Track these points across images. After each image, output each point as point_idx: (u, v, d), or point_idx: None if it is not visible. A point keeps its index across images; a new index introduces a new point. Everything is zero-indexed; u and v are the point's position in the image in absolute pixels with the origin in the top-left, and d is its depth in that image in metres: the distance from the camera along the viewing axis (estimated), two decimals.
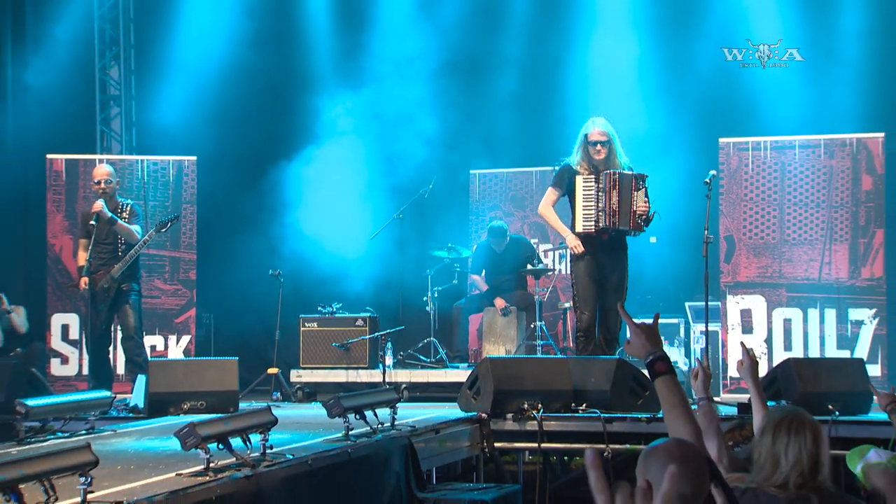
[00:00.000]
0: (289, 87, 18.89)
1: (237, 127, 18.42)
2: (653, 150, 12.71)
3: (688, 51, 17.39)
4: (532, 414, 11.91)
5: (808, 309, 14.63)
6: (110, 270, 13.88)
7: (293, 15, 19.00)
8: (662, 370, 5.45)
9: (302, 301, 16.35)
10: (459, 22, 18.28)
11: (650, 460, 4.67)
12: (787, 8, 17.10)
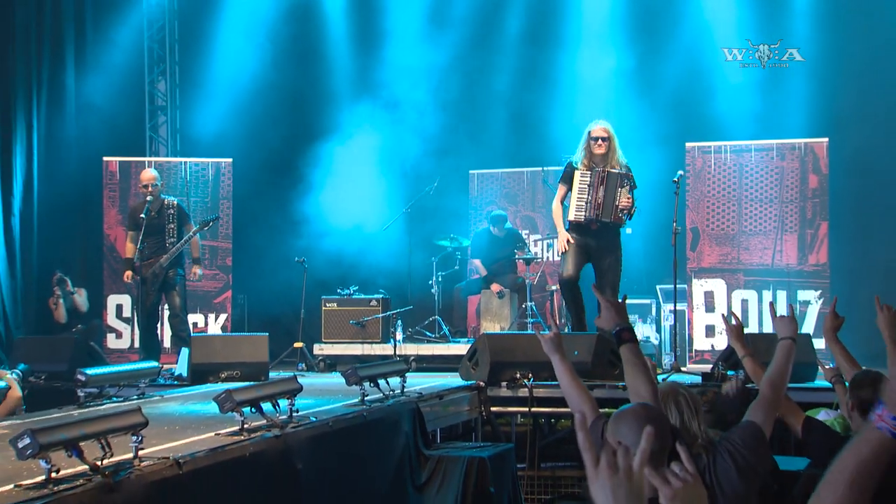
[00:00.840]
0: (311, 98, 18.86)
1: (267, 132, 18.40)
2: (628, 153, 12.69)
3: (658, 64, 17.36)
4: (523, 382, 11.94)
5: (762, 291, 14.68)
6: (159, 259, 13.97)
7: (314, 35, 18.97)
8: (627, 338, 5.99)
9: (323, 284, 16.38)
10: (460, 40, 18.25)
11: (621, 423, 4.75)
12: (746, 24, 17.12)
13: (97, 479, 6.35)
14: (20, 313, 16.60)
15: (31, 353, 13.46)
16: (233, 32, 18.81)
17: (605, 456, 2.86)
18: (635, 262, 13.27)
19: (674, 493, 3.31)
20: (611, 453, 2.87)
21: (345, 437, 9.22)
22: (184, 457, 7.14)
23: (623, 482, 2.84)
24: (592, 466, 2.87)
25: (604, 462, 2.86)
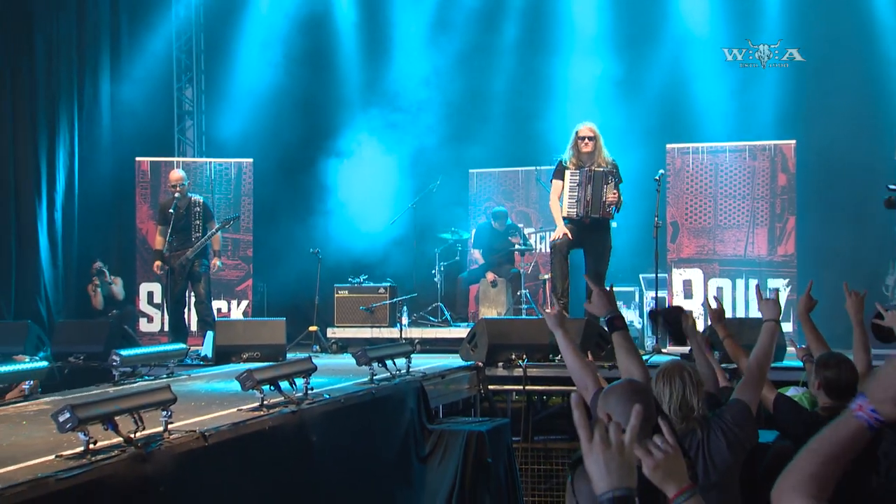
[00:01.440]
0: (323, 102, 18.86)
1: (284, 134, 18.41)
2: (613, 153, 12.70)
3: (641, 72, 17.35)
4: (518, 363, 11.97)
5: (735, 279, 14.72)
6: (186, 252, 14.01)
7: (326, 46, 18.96)
8: (619, 325, 6.04)
9: (336, 273, 16.39)
10: (460, 50, 18.24)
11: (610, 398, 4.78)
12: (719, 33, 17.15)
13: (130, 451, 6.38)
14: (61, 299, 16.64)
15: (70, 336, 13.48)
16: (252, 44, 18.86)
17: (598, 432, 2.87)
18: (620, 253, 13.27)
19: (656, 464, 3.33)
20: (603, 429, 2.89)
21: (355, 413, 9.25)
22: (209, 430, 7.18)
23: (615, 456, 2.85)
24: (587, 442, 2.88)
25: (597, 437, 2.87)
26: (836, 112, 15.72)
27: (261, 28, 18.86)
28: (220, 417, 7.79)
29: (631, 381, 5.00)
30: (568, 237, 12.62)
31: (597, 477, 2.87)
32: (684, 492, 3.35)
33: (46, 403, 8.75)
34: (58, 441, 6.48)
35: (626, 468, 2.86)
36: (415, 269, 16.69)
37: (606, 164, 12.65)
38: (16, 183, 16.14)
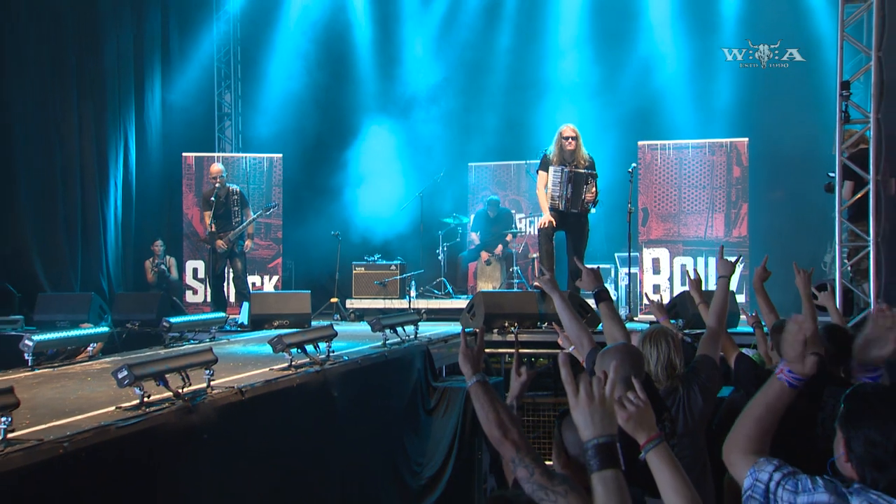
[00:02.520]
0: (343, 105, 18.83)
1: (309, 133, 18.38)
2: (592, 150, 12.68)
3: (616, 78, 17.31)
4: (511, 329, 11.98)
5: (696, 257, 14.70)
6: (227, 235, 14.02)
7: (345, 56, 18.95)
8: (605, 297, 6.24)
9: (353, 252, 16.38)
10: (461, 59, 18.28)
11: (606, 358, 4.81)
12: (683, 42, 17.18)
13: (179, 403, 6.41)
14: (120, 274, 16.67)
15: (127, 306, 13.52)
16: (281, 55, 18.86)
17: (583, 387, 2.88)
18: (598, 235, 13.30)
19: (629, 416, 3.35)
20: (588, 385, 2.89)
21: (371, 372, 9.28)
22: (245, 386, 7.22)
23: (598, 408, 2.86)
24: (573, 396, 2.89)
25: (583, 392, 2.88)
26: (782, 113, 15.72)
27: (288, 41, 18.85)
28: (254, 375, 7.84)
29: (625, 344, 5.04)
30: (552, 223, 12.60)
31: (583, 426, 2.89)
32: (653, 440, 3.37)
33: (107, 363, 8.80)
34: (117, 395, 6.53)
35: (608, 418, 2.88)
36: (421, 249, 16.68)
37: (585, 161, 12.61)
38: (82, 175, 16.14)
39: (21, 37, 15.17)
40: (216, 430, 6.64)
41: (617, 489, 2.73)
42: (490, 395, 4.03)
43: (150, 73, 17.81)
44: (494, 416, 3.93)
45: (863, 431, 3.33)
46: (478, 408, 4.03)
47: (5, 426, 5.25)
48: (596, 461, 2.82)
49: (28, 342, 8.86)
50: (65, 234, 15.72)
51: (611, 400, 2.94)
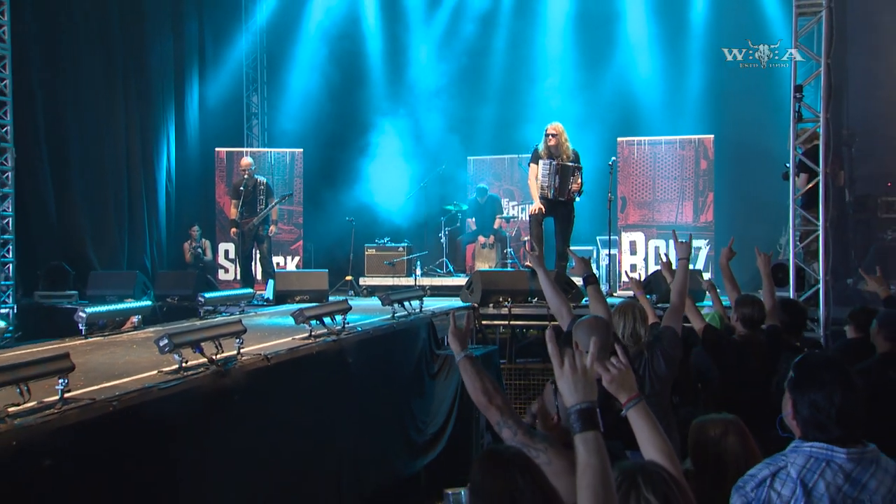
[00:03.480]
0: (356, 105, 18.81)
1: (326, 130, 18.40)
2: (577, 145, 12.69)
3: (598, 81, 17.30)
4: (504, 304, 12.04)
5: (668, 240, 14.66)
6: (253, 220, 14.02)
7: (358, 62, 18.98)
8: (592, 281, 6.31)
9: (365, 235, 16.35)
10: (461, 64, 18.27)
11: (580, 329, 4.83)
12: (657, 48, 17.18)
13: (213, 368, 6.44)
14: (162, 255, 16.71)
15: (167, 283, 13.59)
16: (302, 61, 18.89)
17: (567, 360, 2.90)
18: (582, 220, 13.28)
19: (612, 378, 3.38)
20: (572, 357, 2.91)
21: (381, 342, 9.30)
22: (271, 354, 7.24)
23: (580, 377, 2.88)
24: (559, 367, 2.91)
25: (567, 364, 2.90)
26: (744, 112, 15.69)
27: (308, 49, 18.86)
28: (279, 344, 7.86)
29: (596, 317, 5.07)
30: (542, 210, 12.61)
31: (567, 394, 2.90)
32: (633, 399, 3.40)
33: (150, 333, 8.82)
34: (159, 360, 6.55)
35: (589, 386, 2.89)
36: (425, 233, 16.74)
37: (571, 155, 12.60)
38: (128, 167, 16.20)
39: (76, 46, 15.21)
40: (245, 391, 6.67)
41: (597, 448, 2.74)
42: (476, 367, 4.12)
43: (188, 77, 17.83)
44: (480, 385, 4.02)
45: (808, 396, 3.36)
46: (466, 379, 4.12)
47: (62, 387, 5.29)
48: (578, 424, 2.81)
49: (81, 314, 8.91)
50: (114, 219, 15.77)
51: (591, 370, 2.95)
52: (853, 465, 3.24)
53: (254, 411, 6.79)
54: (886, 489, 3.23)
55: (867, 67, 12.47)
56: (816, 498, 3.19)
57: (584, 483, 2.72)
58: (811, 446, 3.30)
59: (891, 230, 12.77)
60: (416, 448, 9.68)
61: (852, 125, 13.04)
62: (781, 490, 3.23)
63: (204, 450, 6.22)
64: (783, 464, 3.31)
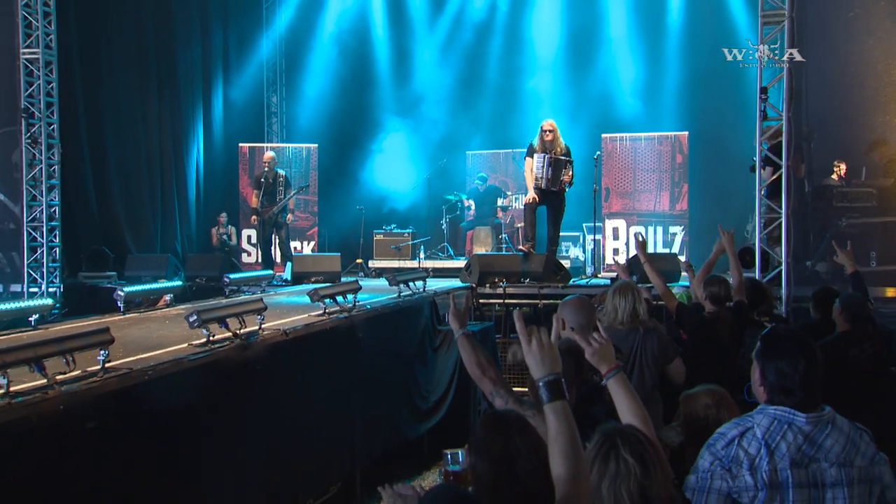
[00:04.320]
0: (366, 104, 18.73)
1: (338, 126, 18.35)
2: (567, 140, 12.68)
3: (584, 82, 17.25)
4: (500, 284, 12.06)
5: (647, 227, 14.70)
6: (272, 208, 14.04)
7: (367, 66, 18.88)
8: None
9: (374, 222, 16.29)
10: (461, 66, 18.23)
11: (565, 308, 4.86)
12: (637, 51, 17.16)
13: (237, 342, 6.49)
14: (192, 239, 16.76)
15: (196, 265, 13.60)
16: (317, 65, 18.81)
17: (534, 337, 2.92)
18: (570, 208, 13.24)
19: (594, 351, 3.41)
20: (535, 331, 2.93)
21: (389, 318, 9.37)
22: (289, 329, 7.31)
23: (547, 352, 2.89)
24: (526, 344, 2.92)
25: (534, 341, 2.92)
26: (716, 111, 15.64)
27: (322, 55, 18.79)
28: (296, 320, 7.94)
29: (581, 297, 5.08)
30: (536, 199, 12.62)
31: (534, 367, 2.91)
32: (612, 370, 3.44)
33: (181, 310, 8.88)
34: (189, 334, 6.60)
35: (554, 360, 2.90)
36: (428, 220, 16.70)
37: (563, 150, 12.62)
38: (161, 160, 16.25)
39: (114, 53, 15.22)
40: (266, 362, 6.72)
41: (565, 416, 2.75)
42: (472, 343, 4.16)
43: (214, 81, 17.82)
44: (475, 359, 4.06)
45: (775, 363, 3.39)
46: (463, 354, 4.16)
47: (103, 357, 5.35)
48: (547, 394, 2.81)
49: (120, 293, 8.98)
50: (148, 207, 15.79)
51: (555, 345, 2.97)
52: (811, 427, 3.28)
53: (274, 380, 6.84)
54: (840, 447, 3.28)
55: (822, 69, 12.49)
56: (779, 456, 3.23)
57: (557, 449, 2.74)
58: (776, 409, 3.34)
59: (845, 217, 12.80)
60: (420, 414, 9.74)
61: (811, 122, 13.05)
62: (748, 448, 3.27)
63: (229, 414, 6.28)
64: (750, 425, 3.34)
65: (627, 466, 2.78)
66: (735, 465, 3.28)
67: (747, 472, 3.25)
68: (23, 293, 12.55)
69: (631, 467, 2.78)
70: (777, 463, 3.23)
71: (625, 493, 2.77)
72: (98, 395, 5.05)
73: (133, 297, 9.22)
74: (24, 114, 12.55)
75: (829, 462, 3.26)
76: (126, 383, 5.31)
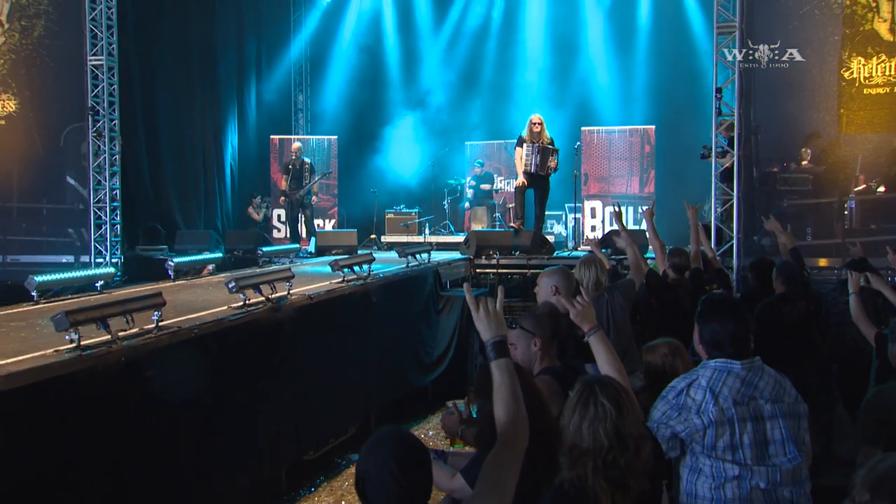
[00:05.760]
0: (379, 100, 18.54)
1: (355, 120, 18.24)
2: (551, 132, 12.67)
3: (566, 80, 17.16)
4: (494, 256, 12.08)
5: (620, 207, 14.70)
6: (299, 192, 14.06)
7: (379, 65, 18.65)
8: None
9: (386, 202, 16.26)
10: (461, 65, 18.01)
11: (553, 276, 4.90)
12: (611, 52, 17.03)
13: (269, 305, 6.56)
14: (230, 217, 16.78)
15: (234, 239, 13.67)
16: (337, 67, 18.66)
17: (482, 305, 2.85)
18: (554, 191, 13.24)
19: (577, 312, 3.46)
20: (486, 303, 2.86)
21: (399, 285, 9.40)
22: (313, 294, 7.37)
23: (493, 318, 2.83)
24: (475, 311, 2.85)
25: (482, 308, 2.86)
26: (678, 107, 15.57)
27: (341, 58, 18.66)
28: (319, 286, 7.96)
29: (562, 268, 5.11)
30: (525, 183, 12.65)
31: (483, 330, 2.86)
32: (593, 328, 3.48)
33: (221, 278, 8.94)
34: (228, 298, 6.66)
35: (500, 324, 2.85)
36: (433, 201, 16.67)
37: (548, 140, 12.64)
38: (204, 149, 16.29)
39: (163, 59, 15.26)
40: (294, 323, 6.79)
41: (508, 371, 2.73)
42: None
43: (247, 81, 17.77)
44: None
45: (709, 324, 3.47)
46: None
47: (157, 317, 5.43)
48: (494, 353, 2.78)
49: (170, 263, 9.05)
50: (193, 190, 15.86)
51: (501, 312, 2.90)
52: (746, 371, 3.35)
53: (300, 338, 6.91)
54: (771, 387, 3.35)
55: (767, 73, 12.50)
56: (722, 399, 3.29)
57: (499, 398, 2.72)
58: (716, 362, 3.41)
59: (787, 199, 12.87)
60: (425, 367, 9.79)
61: (758, 118, 13.07)
62: (695, 396, 3.32)
63: (262, 366, 6.37)
64: (695, 377, 3.40)
65: (604, 409, 2.79)
66: (684, 412, 3.33)
67: (695, 415, 3.30)
68: (90, 263, 12.80)
69: (607, 410, 2.79)
70: (722, 404, 3.28)
71: (602, 431, 2.78)
72: (153, 349, 5.15)
73: (181, 267, 9.29)
74: (90, 112, 12.88)
75: (764, 399, 3.32)
76: (176, 339, 5.41)
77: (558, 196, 14.84)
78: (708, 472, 3.34)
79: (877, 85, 12.59)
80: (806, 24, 12.71)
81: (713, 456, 3.32)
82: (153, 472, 5.01)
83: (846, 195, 12.55)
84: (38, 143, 14.19)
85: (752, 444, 3.29)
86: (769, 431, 3.32)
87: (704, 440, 3.32)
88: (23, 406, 4.18)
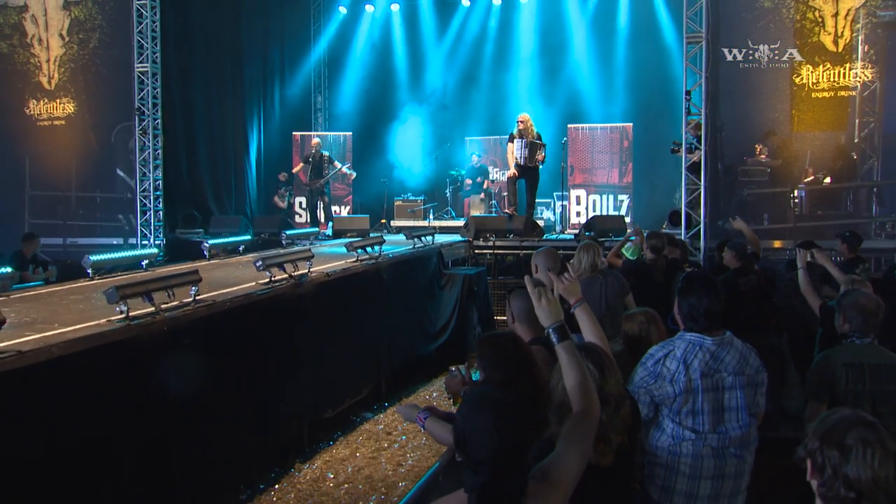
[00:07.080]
0: (388, 99, 18.42)
1: (367, 118, 18.17)
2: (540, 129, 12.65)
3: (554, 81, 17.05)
4: (490, 238, 12.09)
5: (602, 195, 14.70)
6: (318, 181, 14.08)
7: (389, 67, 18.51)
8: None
9: (395, 191, 16.23)
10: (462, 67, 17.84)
11: (538, 257, 4.90)
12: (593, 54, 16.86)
13: (291, 281, 6.58)
14: (258, 203, 16.79)
15: (261, 224, 13.66)
16: (352, 71, 18.56)
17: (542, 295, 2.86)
18: (543, 181, 13.22)
19: (564, 287, 3.45)
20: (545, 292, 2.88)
21: (407, 264, 9.40)
22: (331, 271, 7.38)
23: (553, 305, 2.83)
24: (536, 301, 2.85)
25: (543, 298, 2.85)
26: (652, 107, 15.49)
27: (357, 62, 18.58)
28: (336, 265, 7.97)
29: (548, 249, 5.09)
30: (516, 174, 12.65)
31: (543, 317, 2.85)
32: (578, 301, 3.47)
33: (250, 258, 8.94)
34: (256, 276, 6.70)
35: (558, 311, 2.85)
36: (436, 190, 16.63)
37: (535, 135, 12.62)
38: (234, 143, 16.31)
39: (199, 65, 15.26)
40: (313, 298, 6.82)
41: (573, 352, 2.73)
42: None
43: (271, 84, 17.72)
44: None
45: (687, 299, 3.47)
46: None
47: (194, 292, 5.47)
48: (557, 337, 2.76)
49: (206, 245, 9.09)
50: (224, 180, 15.86)
51: (557, 301, 2.91)
52: (716, 347, 3.36)
53: (320, 311, 6.93)
54: (735, 361, 3.35)
55: (731, 78, 12.66)
56: (692, 370, 3.31)
57: (571, 375, 2.70)
58: (691, 336, 3.41)
59: (747, 189, 12.93)
60: (429, 336, 9.78)
61: (723, 118, 13.10)
62: (670, 366, 3.34)
63: (286, 335, 6.40)
64: (672, 347, 3.41)
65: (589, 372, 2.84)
66: (660, 380, 3.35)
67: (668, 383, 3.32)
68: (137, 245, 12.94)
69: (592, 373, 2.79)
70: (691, 375, 3.30)
71: None
72: (191, 320, 5.20)
73: (215, 248, 9.33)
74: (137, 112, 13.08)
75: (727, 372, 3.33)
76: (212, 311, 5.45)
77: (547, 185, 14.82)
78: (669, 432, 3.37)
79: (823, 89, 12.87)
80: (763, 35, 12.87)
81: (676, 420, 3.35)
82: (192, 428, 5.06)
83: (797, 185, 12.71)
84: (92, 140, 14.58)
85: (710, 411, 3.31)
86: (727, 401, 3.34)
87: (672, 405, 3.35)
88: (80, 367, 4.27)
